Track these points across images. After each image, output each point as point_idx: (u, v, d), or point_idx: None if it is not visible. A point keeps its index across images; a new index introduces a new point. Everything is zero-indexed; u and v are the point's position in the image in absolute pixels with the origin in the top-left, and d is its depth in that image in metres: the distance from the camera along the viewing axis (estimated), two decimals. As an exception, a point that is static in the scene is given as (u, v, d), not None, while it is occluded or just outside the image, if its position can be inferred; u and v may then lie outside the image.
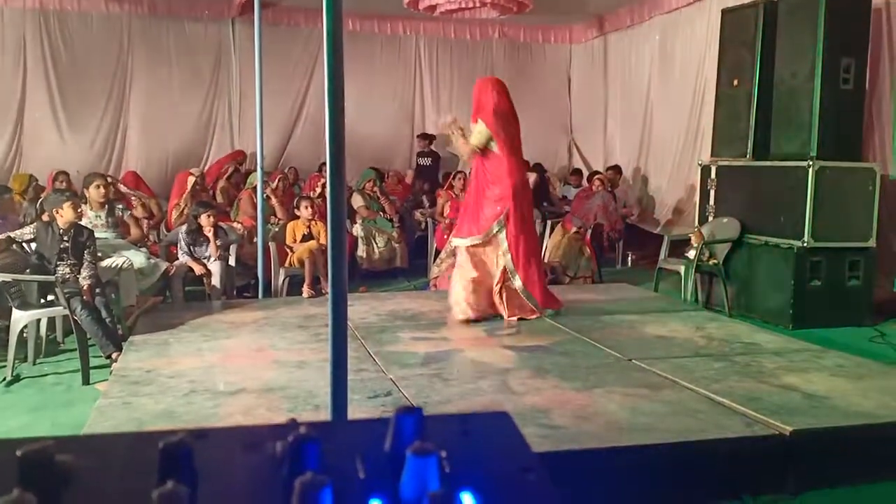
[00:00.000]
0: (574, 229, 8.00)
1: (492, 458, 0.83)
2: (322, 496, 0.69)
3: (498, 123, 5.38)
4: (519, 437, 0.89)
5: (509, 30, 11.79)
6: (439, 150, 11.02)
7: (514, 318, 5.44)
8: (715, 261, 6.86)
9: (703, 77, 8.71)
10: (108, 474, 0.81)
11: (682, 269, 6.98)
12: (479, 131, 5.42)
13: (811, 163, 6.06)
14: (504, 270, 5.41)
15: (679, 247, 7.37)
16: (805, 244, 6.11)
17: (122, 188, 7.86)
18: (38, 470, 0.74)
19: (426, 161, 10.78)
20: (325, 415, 2.76)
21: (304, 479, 0.70)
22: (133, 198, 7.57)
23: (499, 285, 5.44)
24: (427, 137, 10.92)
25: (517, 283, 5.42)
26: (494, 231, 5.40)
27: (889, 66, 6.57)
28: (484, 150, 5.44)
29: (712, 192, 7.17)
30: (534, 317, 5.49)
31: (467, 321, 5.38)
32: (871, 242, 6.26)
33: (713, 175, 7.16)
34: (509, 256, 5.38)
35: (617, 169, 10.39)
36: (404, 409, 0.83)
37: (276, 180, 8.25)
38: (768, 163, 6.61)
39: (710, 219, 7.13)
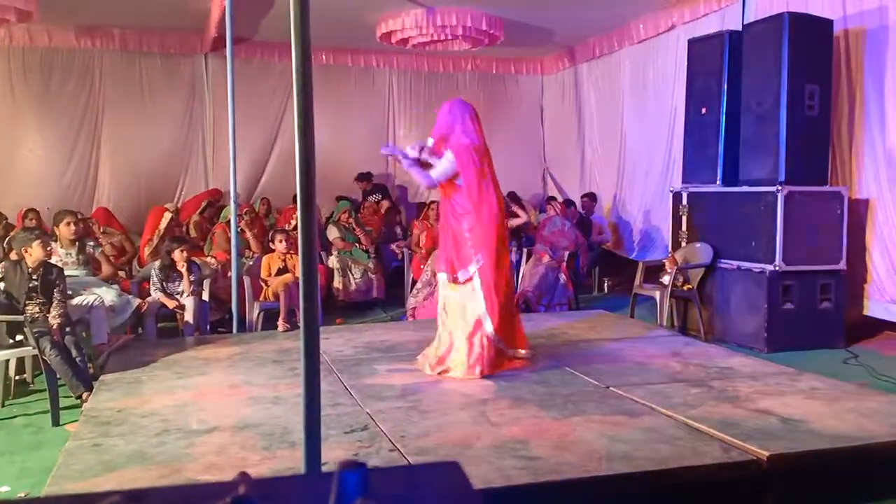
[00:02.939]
0: (547, 258, 8.03)
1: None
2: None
3: (470, 159, 4.88)
4: (468, 488, 0.87)
5: (481, 62, 11.93)
6: (382, 180, 11.26)
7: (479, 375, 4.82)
8: (689, 286, 6.91)
9: (674, 106, 8.85)
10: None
11: (657, 294, 7.02)
12: (445, 165, 4.91)
13: (780, 188, 6.16)
14: (479, 314, 4.86)
15: (654, 272, 7.42)
16: (777, 268, 6.18)
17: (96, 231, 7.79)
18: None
19: (377, 198, 10.57)
20: (300, 452, 2.71)
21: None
22: (102, 238, 7.50)
23: (470, 330, 4.87)
24: (365, 177, 10.78)
25: (489, 327, 4.85)
26: (471, 272, 4.87)
27: (847, 93, 6.72)
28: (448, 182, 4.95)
29: (684, 218, 7.25)
30: (511, 367, 4.94)
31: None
32: (842, 265, 6.35)
33: (685, 201, 7.25)
34: (482, 294, 4.84)
35: (591, 196, 10.48)
36: (348, 465, 0.81)
37: (244, 212, 8.21)
38: (738, 188, 6.71)
39: (683, 244, 7.20)
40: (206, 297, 6.63)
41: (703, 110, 7.15)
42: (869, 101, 6.54)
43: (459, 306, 4.93)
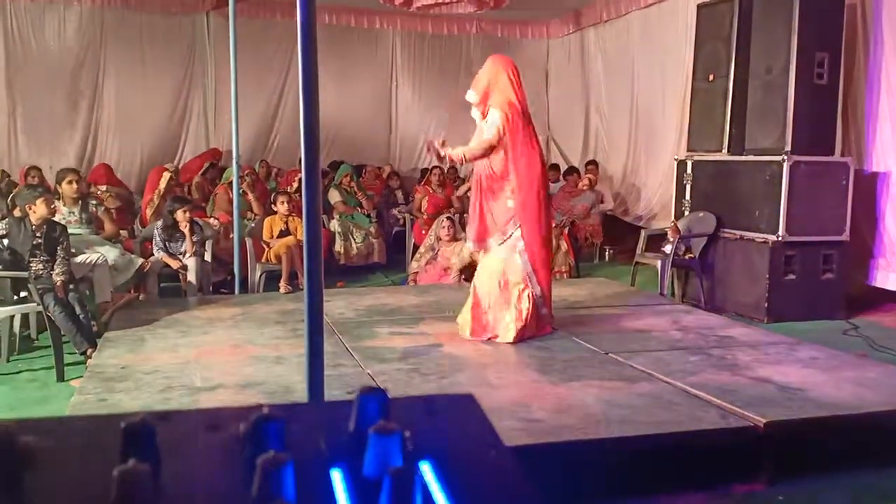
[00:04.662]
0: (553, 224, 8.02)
1: (455, 436, 0.83)
2: (283, 473, 0.68)
3: (515, 116, 4.68)
4: (483, 418, 0.89)
5: (486, 25, 11.80)
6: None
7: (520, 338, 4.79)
8: (691, 255, 6.91)
9: (685, 72, 8.71)
10: (71, 455, 0.81)
11: (658, 263, 7.02)
12: (492, 124, 4.68)
13: (786, 157, 6.12)
14: (524, 276, 4.77)
15: (656, 241, 7.41)
16: (780, 238, 6.17)
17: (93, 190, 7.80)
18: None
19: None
20: (301, 409, 2.74)
21: (265, 457, 0.69)
22: (102, 195, 7.52)
23: (517, 293, 4.79)
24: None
25: (537, 289, 4.82)
26: (510, 232, 4.75)
27: (864, 62, 6.63)
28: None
29: (688, 187, 7.22)
30: (545, 332, 4.95)
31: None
32: (845, 236, 6.33)
33: (689, 170, 7.21)
34: (526, 257, 4.75)
35: (594, 164, 10.42)
36: (368, 390, 0.83)
37: (245, 174, 8.19)
38: (743, 157, 6.67)
39: (687, 213, 7.18)
40: (208, 257, 6.64)
41: (711, 77, 7.08)
42: (889, 70, 6.43)
43: (496, 269, 4.82)
